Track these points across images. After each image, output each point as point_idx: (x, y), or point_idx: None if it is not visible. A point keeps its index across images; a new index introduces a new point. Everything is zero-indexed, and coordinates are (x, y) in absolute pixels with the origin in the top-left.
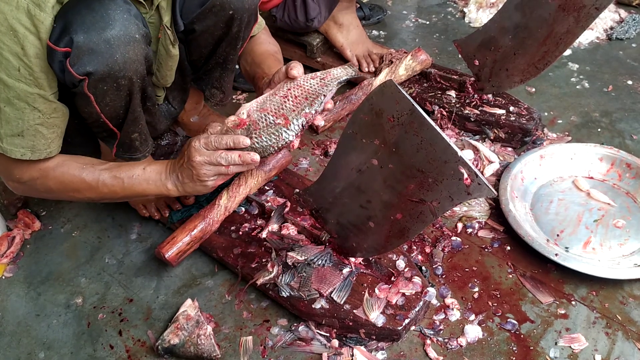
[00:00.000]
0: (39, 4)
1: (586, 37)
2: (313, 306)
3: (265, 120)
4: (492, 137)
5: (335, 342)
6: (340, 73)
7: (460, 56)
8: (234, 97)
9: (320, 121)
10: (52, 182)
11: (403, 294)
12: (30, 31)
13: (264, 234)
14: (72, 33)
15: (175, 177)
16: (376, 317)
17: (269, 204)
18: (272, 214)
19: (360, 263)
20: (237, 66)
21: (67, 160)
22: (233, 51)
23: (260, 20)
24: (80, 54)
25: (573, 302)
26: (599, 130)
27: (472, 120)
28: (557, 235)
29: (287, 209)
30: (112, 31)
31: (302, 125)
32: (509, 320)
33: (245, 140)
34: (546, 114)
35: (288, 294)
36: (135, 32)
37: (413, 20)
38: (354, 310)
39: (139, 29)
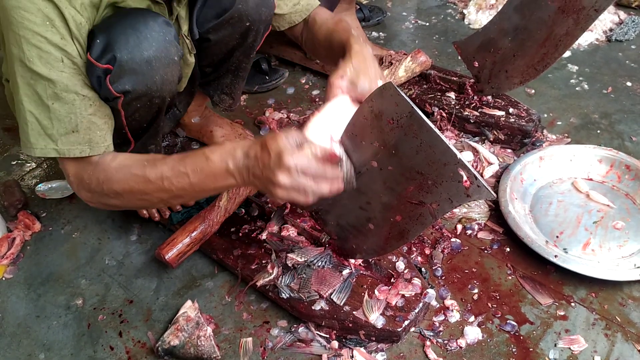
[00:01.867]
0: None
1: (585, 39)
2: (313, 307)
3: None
4: (491, 139)
5: (335, 344)
6: None
7: (459, 58)
8: None
9: None
10: (117, 185)
11: (403, 296)
12: (63, 20)
13: (264, 236)
14: (115, 51)
15: (244, 174)
16: (376, 318)
17: (269, 205)
18: (272, 215)
19: (360, 264)
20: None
21: (129, 159)
22: (246, 59)
23: (314, 1)
24: (121, 73)
25: (572, 304)
26: (599, 131)
27: (472, 121)
28: (557, 236)
29: (287, 211)
30: (154, 53)
31: None
32: (508, 321)
33: (341, 184)
34: (545, 115)
35: (288, 295)
36: (175, 54)
37: (413, 21)
38: (354, 312)
39: (177, 51)
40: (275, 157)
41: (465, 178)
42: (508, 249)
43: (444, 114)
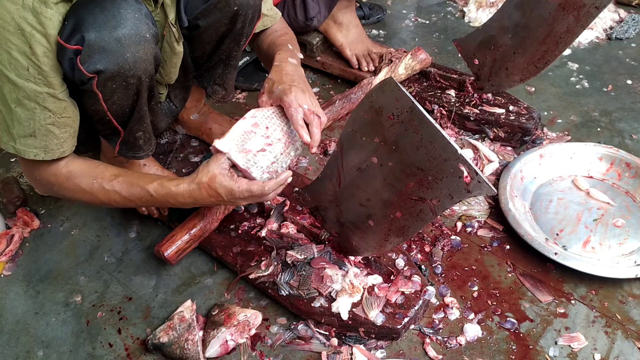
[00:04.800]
0: (45, 0)
1: (586, 37)
2: (312, 305)
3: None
4: (491, 137)
5: (335, 341)
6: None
7: (459, 55)
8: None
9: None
10: (67, 192)
11: (402, 293)
12: (36, 29)
13: (263, 233)
14: (83, 31)
15: (193, 204)
16: (375, 315)
17: (268, 202)
18: (272, 212)
19: (359, 262)
20: (240, 62)
21: (78, 169)
22: (237, 47)
23: (276, 12)
24: (91, 52)
25: (572, 301)
26: (599, 129)
27: (472, 119)
28: (557, 234)
29: (286, 208)
30: (124, 30)
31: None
32: (508, 319)
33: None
34: (546, 113)
35: (287, 292)
36: (146, 31)
37: (413, 19)
38: (353, 309)
39: (149, 28)
40: (229, 196)
41: (465, 174)
42: (508, 247)
43: (444, 112)
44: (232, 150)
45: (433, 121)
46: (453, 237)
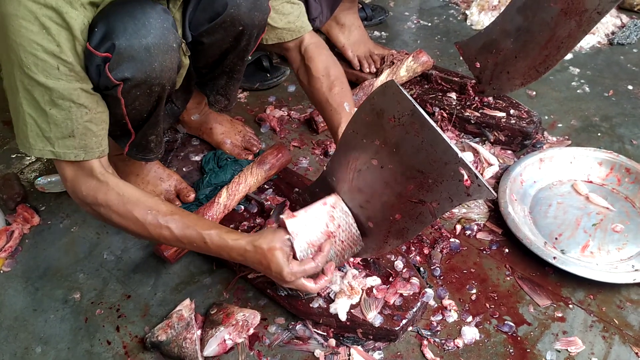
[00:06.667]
0: (70, 1)
1: (587, 42)
2: (311, 305)
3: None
4: (492, 140)
5: (333, 342)
6: None
7: (461, 58)
8: None
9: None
10: (115, 217)
11: (401, 295)
12: (62, 27)
13: None
14: (114, 39)
15: (242, 260)
16: (374, 317)
17: (269, 202)
18: (271, 212)
19: (358, 263)
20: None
21: (134, 197)
22: (240, 62)
23: (301, 26)
24: (120, 60)
25: (570, 306)
26: (599, 134)
27: (473, 122)
28: (556, 238)
29: (286, 208)
30: (153, 39)
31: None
32: (506, 322)
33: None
34: (546, 117)
35: (286, 292)
36: (173, 41)
37: (415, 21)
38: (352, 310)
39: (175, 38)
40: (277, 274)
41: (466, 177)
42: (507, 250)
43: (445, 115)
44: (298, 236)
45: (434, 124)
46: (452, 239)
